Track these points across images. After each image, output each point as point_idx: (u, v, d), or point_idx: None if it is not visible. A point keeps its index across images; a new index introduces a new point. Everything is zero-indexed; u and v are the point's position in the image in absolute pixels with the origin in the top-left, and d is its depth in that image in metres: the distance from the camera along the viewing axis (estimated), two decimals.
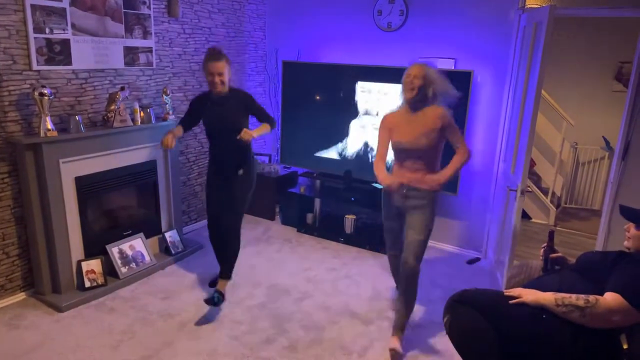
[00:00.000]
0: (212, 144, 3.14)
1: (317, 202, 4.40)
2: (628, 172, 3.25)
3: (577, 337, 1.80)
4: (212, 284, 3.29)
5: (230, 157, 3.05)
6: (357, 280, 3.48)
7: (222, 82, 2.91)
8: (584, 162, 5.63)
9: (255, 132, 2.94)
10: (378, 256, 3.90)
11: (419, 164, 2.69)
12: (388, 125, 2.77)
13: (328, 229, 4.32)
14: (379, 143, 2.80)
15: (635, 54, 3.11)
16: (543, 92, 4.52)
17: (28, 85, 2.84)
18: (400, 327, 2.68)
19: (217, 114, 2.99)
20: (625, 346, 1.77)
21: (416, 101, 2.64)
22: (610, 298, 1.76)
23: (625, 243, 2.02)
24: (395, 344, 2.60)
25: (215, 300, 2.91)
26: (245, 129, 2.89)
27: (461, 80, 3.55)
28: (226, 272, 3.06)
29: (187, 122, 3.15)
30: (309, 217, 4.44)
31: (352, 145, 4.15)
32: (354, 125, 4.09)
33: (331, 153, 4.26)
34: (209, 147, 3.18)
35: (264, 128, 3.04)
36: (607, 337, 1.80)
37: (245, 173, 3.06)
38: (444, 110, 2.66)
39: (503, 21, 3.56)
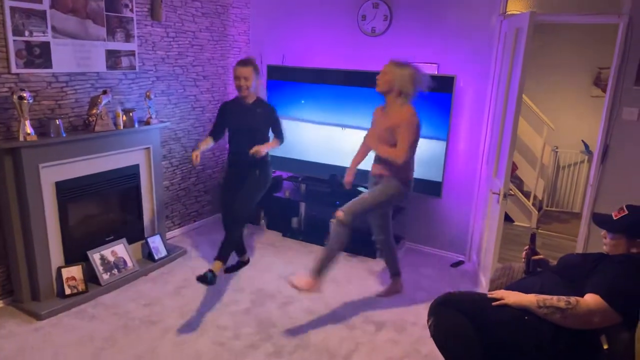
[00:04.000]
0: (233, 146, 3.35)
1: (302, 206, 4.40)
2: (607, 175, 3.32)
3: (558, 338, 1.82)
4: (228, 270, 3.54)
5: (250, 160, 3.21)
6: (343, 285, 3.47)
7: (247, 87, 3.15)
8: (565, 166, 5.73)
9: (264, 147, 3.19)
10: (364, 260, 3.91)
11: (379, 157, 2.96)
12: (373, 117, 3.05)
13: (313, 233, 4.31)
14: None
15: (614, 60, 3.19)
16: (524, 97, 4.59)
17: (7, 89, 2.78)
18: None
19: (243, 120, 3.24)
20: (605, 346, 1.80)
21: (386, 97, 2.89)
22: (591, 299, 1.79)
23: (604, 248, 2.06)
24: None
25: (208, 280, 2.87)
26: (257, 146, 3.13)
27: (444, 84, 3.60)
28: (221, 255, 3.05)
29: (216, 132, 3.38)
30: (294, 221, 4.43)
31: (337, 149, 4.15)
32: (339, 129, 4.10)
33: (316, 157, 4.26)
34: (229, 149, 3.39)
35: (274, 143, 3.34)
36: (587, 338, 1.83)
37: (261, 173, 3.29)
38: (410, 114, 2.80)
39: (485, 27, 3.61)
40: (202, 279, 2.87)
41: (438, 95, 3.63)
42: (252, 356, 2.61)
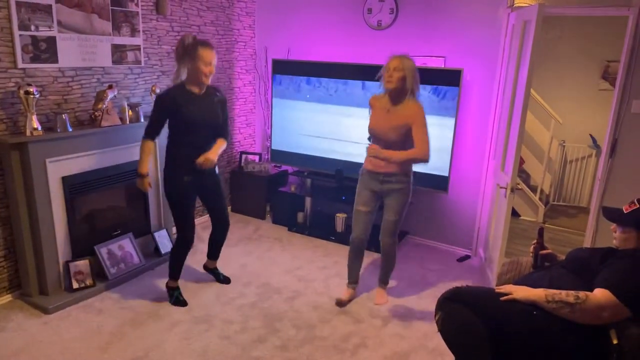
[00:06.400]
0: (188, 142, 2.81)
1: (308, 201, 4.39)
2: (615, 170, 3.29)
3: (567, 333, 1.81)
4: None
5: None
6: None
7: (212, 74, 2.77)
8: (572, 160, 5.69)
9: (214, 154, 2.84)
10: (369, 254, 3.89)
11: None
12: (371, 105, 2.98)
13: (319, 227, 4.31)
14: None
15: (622, 53, 3.15)
16: (532, 90, 4.55)
17: (13, 84, 2.79)
18: (385, 281, 3.20)
19: (206, 115, 2.81)
20: (615, 341, 1.78)
21: (396, 94, 2.79)
22: (600, 294, 1.78)
23: (614, 242, 2.04)
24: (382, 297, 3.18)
25: (182, 302, 3.07)
26: (204, 155, 2.78)
27: (451, 78, 3.58)
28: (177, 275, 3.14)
29: (158, 131, 2.84)
30: (300, 216, 4.43)
31: (342, 143, 4.14)
32: (345, 123, 4.08)
33: (322, 152, 4.25)
34: (177, 146, 2.83)
35: (221, 145, 2.92)
36: (597, 333, 1.82)
37: (218, 172, 3.06)
38: (420, 108, 2.79)
39: (492, 20, 3.58)
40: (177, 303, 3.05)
41: (445, 89, 3.60)
42: (258, 350, 2.62)
